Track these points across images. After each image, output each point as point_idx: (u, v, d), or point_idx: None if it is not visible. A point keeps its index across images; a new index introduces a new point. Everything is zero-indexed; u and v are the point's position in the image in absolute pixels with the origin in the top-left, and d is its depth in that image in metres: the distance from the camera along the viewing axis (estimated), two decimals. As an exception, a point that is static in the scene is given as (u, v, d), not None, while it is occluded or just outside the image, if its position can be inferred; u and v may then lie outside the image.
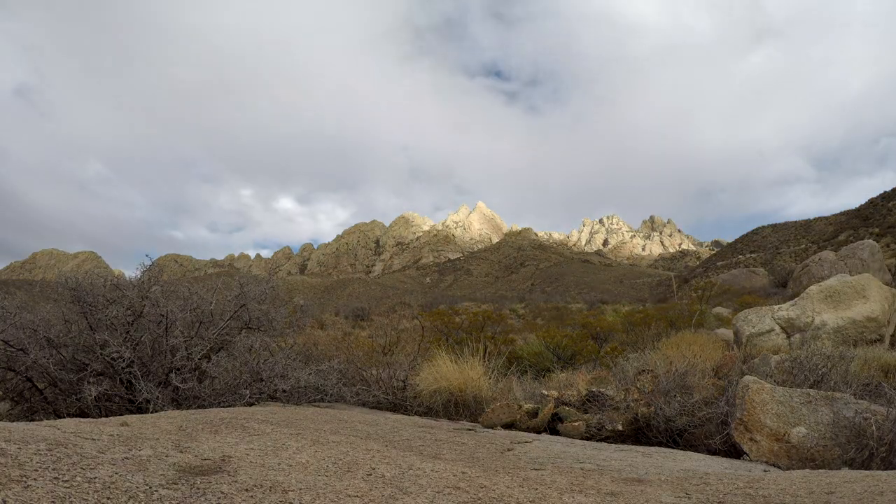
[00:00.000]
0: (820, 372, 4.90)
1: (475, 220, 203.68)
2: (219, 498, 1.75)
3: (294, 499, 1.82)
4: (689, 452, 3.91)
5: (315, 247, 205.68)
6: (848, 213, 65.55)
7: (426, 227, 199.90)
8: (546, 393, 5.52)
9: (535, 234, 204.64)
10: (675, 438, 4.45)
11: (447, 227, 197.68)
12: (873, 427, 3.37)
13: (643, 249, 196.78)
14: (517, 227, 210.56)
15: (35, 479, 1.64)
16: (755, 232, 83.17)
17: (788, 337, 9.87)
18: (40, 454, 1.90)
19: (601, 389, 5.51)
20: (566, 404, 5.24)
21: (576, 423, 4.75)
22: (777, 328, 10.06)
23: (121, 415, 3.86)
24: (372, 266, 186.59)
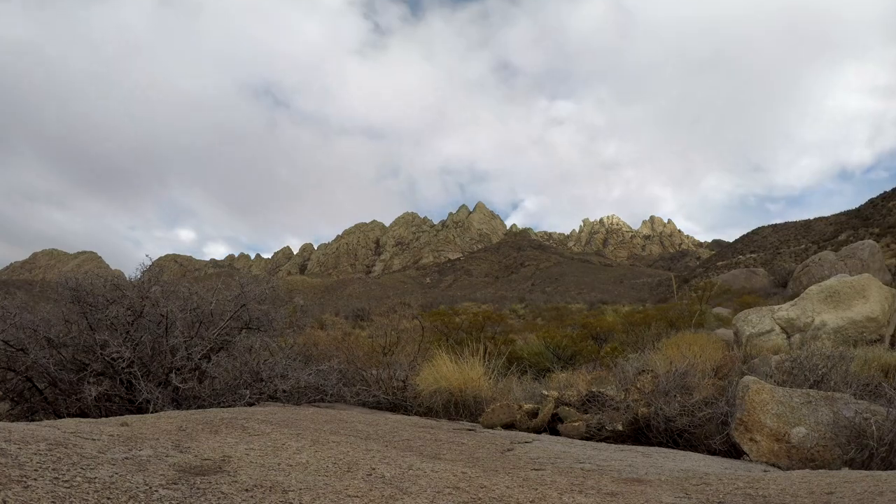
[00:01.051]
0: (820, 372, 4.90)
1: (475, 220, 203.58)
2: (219, 498, 1.75)
3: (294, 499, 1.82)
4: (688, 452, 3.91)
5: (315, 247, 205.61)
6: (848, 213, 65.62)
7: (426, 227, 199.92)
8: (546, 393, 5.51)
9: (535, 234, 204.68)
10: (675, 439, 4.44)
11: (447, 227, 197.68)
12: (873, 427, 3.37)
13: (643, 249, 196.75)
14: (517, 227, 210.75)
15: (35, 480, 1.64)
16: (755, 232, 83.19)
17: (788, 337, 9.87)
18: (40, 454, 1.90)
19: (601, 389, 5.52)
20: (566, 404, 5.24)
21: (576, 424, 4.75)
22: (777, 328, 10.07)
23: (121, 415, 3.85)
24: (372, 266, 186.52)
